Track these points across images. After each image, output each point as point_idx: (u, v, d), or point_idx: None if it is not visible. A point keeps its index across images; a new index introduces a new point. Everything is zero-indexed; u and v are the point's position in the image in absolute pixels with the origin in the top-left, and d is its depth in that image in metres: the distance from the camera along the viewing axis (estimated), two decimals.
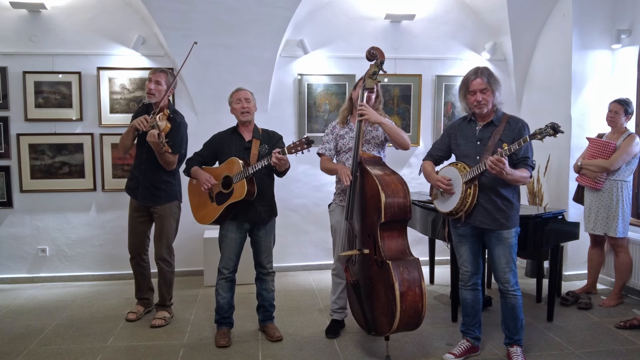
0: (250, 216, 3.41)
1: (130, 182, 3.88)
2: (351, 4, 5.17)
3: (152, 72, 3.78)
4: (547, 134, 2.67)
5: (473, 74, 3.02)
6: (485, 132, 3.04)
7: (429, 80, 5.35)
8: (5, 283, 4.90)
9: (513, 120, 3.03)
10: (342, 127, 3.49)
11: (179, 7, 4.50)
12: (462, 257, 3.20)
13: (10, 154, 4.82)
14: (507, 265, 3.04)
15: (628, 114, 4.07)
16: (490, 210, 2.99)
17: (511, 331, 3.14)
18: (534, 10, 4.95)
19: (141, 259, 3.96)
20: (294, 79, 5.19)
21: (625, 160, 3.98)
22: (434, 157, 3.30)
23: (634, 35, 4.53)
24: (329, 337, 3.56)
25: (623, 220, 4.04)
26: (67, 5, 4.77)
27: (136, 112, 3.96)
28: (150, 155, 3.69)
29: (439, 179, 3.09)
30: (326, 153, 3.50)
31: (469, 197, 2.97)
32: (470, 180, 2.96)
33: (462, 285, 3.24)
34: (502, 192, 2.99)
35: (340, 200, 3.50)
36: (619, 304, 4.16)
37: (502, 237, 3.02)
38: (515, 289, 3.05)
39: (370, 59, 3.28)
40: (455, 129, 3.21)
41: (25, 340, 3.53)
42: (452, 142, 3.20)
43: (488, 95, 2.98)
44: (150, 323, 3.77)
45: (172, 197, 3.83)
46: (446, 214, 3.13)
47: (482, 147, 3.01)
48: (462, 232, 3.15)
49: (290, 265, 5.28)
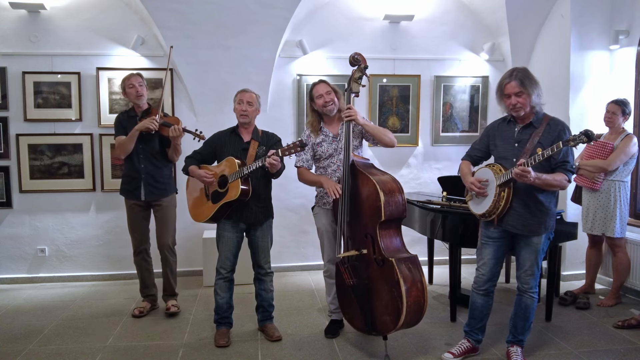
0: (245, 216, 3.42)
1: (127, 184, 3.95)
2: (350, 4, 5.18)
3: (128, 78, 3.89)
4: (580, 141, 2.61)
5: (508, 76, 2.93)
6: (524, 134, 2.96)
7: (427, 81, 5.36)
8: (4, 283, 4.90)
9: (554, 122, 2.94)
10: (317, 136, 3.49)
11: (178, 8, 4.51)
12: (483, 259, 3.13)
13: (10, 154, 4.82)
14: (531, 269, 3.01)
15: (625, 115, 4.07)
16: (523, 215, 2.93)
17: (518, 330, 3.13)
18: (533, 11, 4.96)
19: (146, 254, 4.07)
20: (293, 80, 5.19)
21: (623, 161, 3.99)
22: (472, 157, 3.23)
23: (632, 36, 4.54)
24: (328, 337, 3.57)
25: (621, 221, 4.05)
26: (66, 6, 4.77)
27: (119, 119, 3.98)
28: (148, 154, 3.86)
29: (472, 182, 3.03)
30: (304, 164, 3.49)
31: (502, 201, 2.90)
32: (504, 183, 2.89)
33: (474, 287, 3.19)
34: (538, 196, 2.91)
35: (323, 203, 3.51)
36: (617, 303, 4.17)
37: (531, 242, 2.97)
38: (534, 291, 3.03)
39: (353, 64, 3.33)
40: (495, 129, 3.14)
41: (25, 341, 3.54)
42: (491, 143, 3.13)
43: (524, 98, 2.89)
44: (169, 311, 3.98)
45: (173, 189, 4.07)
46: (479, 215, 3.08)
47: (520, 149, 2.93)
48: (491, 234, 3.08)
49: (289, 265, 5.29)
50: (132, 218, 3.99)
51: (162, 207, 3.98)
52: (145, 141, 3.84)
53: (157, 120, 3.75)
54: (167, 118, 3.86)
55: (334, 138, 3.46)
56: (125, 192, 3.97)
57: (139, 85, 3.88)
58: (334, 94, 3.43)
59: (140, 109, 3.93)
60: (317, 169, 3.56)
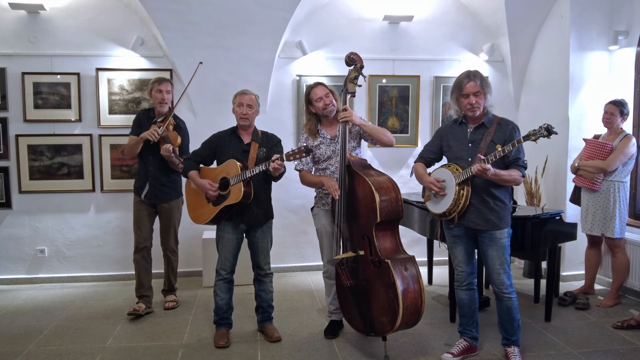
0: (246, 218, 3.42)
1: (137, 182, 4.14)
2: (349, 5, 5.18)
3: (159, 83, 4.03)
4: (540, 135, 2.71)
5: (466, 77, 3.05)
6: (476, 134, 3.07)
7: (427, 81, 5.37)
8: (4, 284, 4.90)
9: (504, 122, 3.07)
10: (315, 139, 3.49)
11: (178, 8, 4.51)
12: (457, 257, 3.21)
13: (9, 154, 4.82)
14: (501, 267, 3.04)
15: (624, 115, 4.08)
16: (482, 211, 3.01)
17: (508, 332, 3.15)
18: (532, 11, 4.97)
19: (147, 253, 4.12)
20: (292, 80, 5.19)
21: (622, 161, 4.00)
22: (426, 159, 3.31)
23: (631, 37, 4.55)
24: (328, 337, 3.57)
25: (620, 221, 4.05)
26: (66, 7, 4.78)
27: (138, 117, 4.17)
28: (157, 158, 3.98)
29: (432, 181, 3.10)
30: (305, 168, 3.50)
31: (462, 198, 2.98)
32: (463, 182, 2.98)
33: (457, 285, 3.26)
34: (494, 192, 3.01)
35: (323, 204, 3.51)
36: (617, 304, 4.18)
37: (494, 237, 3.03)
38: (510, 291, 3.06)
39: (349, 64, 3.33)
40: (447, 131, 3.23)
41: (24, 341, 3.53)
42: (444, 144, 3.22)
43: (480, 98, 3.02)
44: (164, 306, 4.16)
45: (179, 193, 4.18)
46: (439, 215, 3.14)
47: (474, 148, 3.03)
48: (455, 233, 3.16)
49: (289, 266, 5.29)
50: (137, 214, 4.10)
51: (166, 210, 4.11)
52: (155, 145, 3.93)
53: (158, 133, 3.88)
54: (169, 132, 3.95)
55: (332, 140, 3.46)
56: (134, 187, 4.15)
57: (167, 92, 4.03)
58: (332, 95, 3.43)
59: (160, 113, 4.07)
60: (316, 171, 3.56)
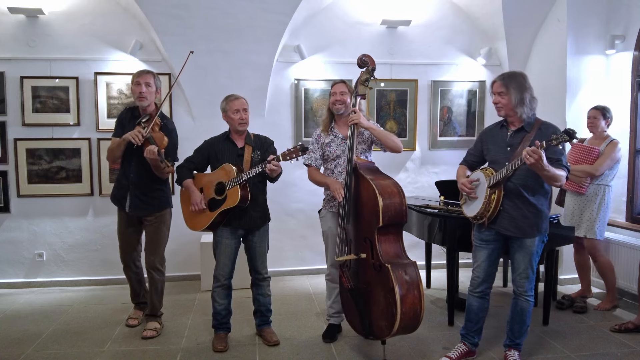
0: (243, 222, 3.42)
1: (117, 190, 3.70)
2: (347, 9, 5.20)
3: (138, 75, 3.55)
4: (562, 140, 2.64)
5: (497, 77, 3.02)
6: (515, 138, 2.98)
7: (425, 86, 5.38)
8: (2, 288, 4.89)
9: (545, 126, 2.96)
10: (327, 135, 3.51)
11: (176, 13, 4.53)
12: (477, 261, 3.15)
13: (8, 158, 4.82)
14: (525, 272, 3.02)
15: (607, 119, 4.17)
16: (515, 217, 2.94)
17: (514, 334, 3.14)
18: (529, 15, 5.00)
19: (134, 266, 3.88)
20: (290, 84, 5.21)
21: (610, 166, 4.08)
22: (468, 162, 3.27)
23: (628, 41, 4.57)
24: (326, 341, 3.57)
25: (603, 223, 4.13)
26: (64, 11, 4.79)
27: (121, 117, 3.75)
28: (140, 164, 3.53)
29: (463, 182, 3.07)
30: (313, 163, 3.51)
31: (493, 202, 2.93)
32: (494, 185, 2.92)
33: (470, 290, 3.21)
34: (529, 198, 2.93)
35: (330, 206, 3.52)
36: (615, 307, 4.19)
37: (524, 244, 2.98)
38: (529, 295, 3.04)
39: (361, 66, 3.33)
40: (488, 134, 3.19)
41: (22, 345, 3.53)
42: (484, 147, 3.16)
43: (505, 98, 2.94)
44: (142, 335, 3.65)
45: (165, 204, 3.70)
46: (470, 218, 3.11)
47: (512, 153, 2.94)
48: (484, 237, 3.11)
49: (287, 269, 5.28)
50: (121, 229, 3.77)
51: (151, 224, 3.66)
52: (139, 149, 3.46)
53: (143, 135, 3.39)
54: (154, 133, 3.47)
55: (343, 140, 3.45)
56: (113, 197, 3.74)
57: (146, 85, 3.51)
58: (348, 95, 3.44)
59: (144, 110, 3.58)
60: (324, 169, 3.57)
